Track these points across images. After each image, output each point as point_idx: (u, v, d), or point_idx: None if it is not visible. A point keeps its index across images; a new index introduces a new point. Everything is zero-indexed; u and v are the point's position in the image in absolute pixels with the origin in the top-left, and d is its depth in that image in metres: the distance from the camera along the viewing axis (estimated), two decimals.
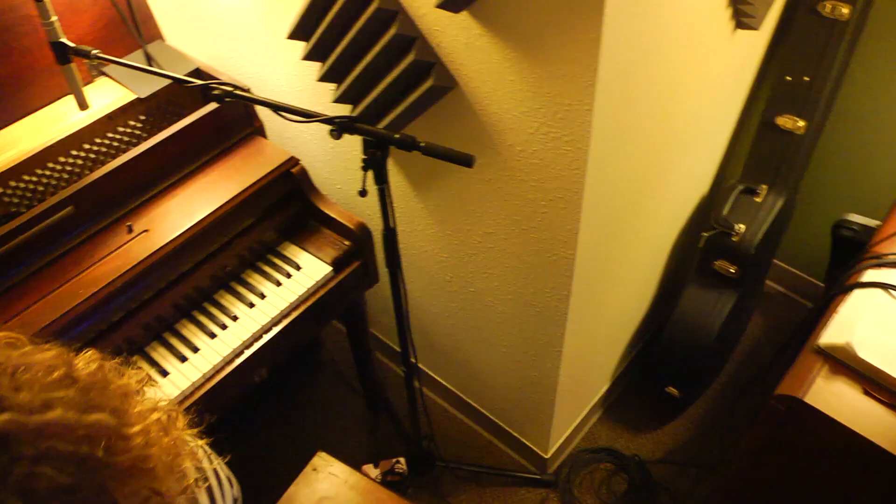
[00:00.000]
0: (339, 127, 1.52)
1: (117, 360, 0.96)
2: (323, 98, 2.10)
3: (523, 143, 1.69)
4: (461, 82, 1.71)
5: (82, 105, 1.89)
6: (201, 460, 1.14)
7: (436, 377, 2.81)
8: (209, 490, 1.15)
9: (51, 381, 0.85)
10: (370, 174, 1.60)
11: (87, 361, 0.91)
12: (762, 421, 1.79)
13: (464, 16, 1.57)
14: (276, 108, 1.58)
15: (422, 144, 1.48)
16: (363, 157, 1.53)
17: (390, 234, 1.72)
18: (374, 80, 1.84)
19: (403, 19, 1.68)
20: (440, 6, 1.54)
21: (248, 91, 1.62)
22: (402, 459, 2.66)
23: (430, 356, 2.74)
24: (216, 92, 1.60)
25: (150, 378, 1.79)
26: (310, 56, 1.97)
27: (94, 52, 1.73)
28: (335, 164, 2.33)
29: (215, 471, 1.19)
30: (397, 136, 1.49)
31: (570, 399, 2.45)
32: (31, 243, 1.79)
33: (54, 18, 1.72)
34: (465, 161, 1.46)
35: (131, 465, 0.87)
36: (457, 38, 1.63)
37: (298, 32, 1.94)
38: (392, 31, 1.69)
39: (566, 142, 1.60)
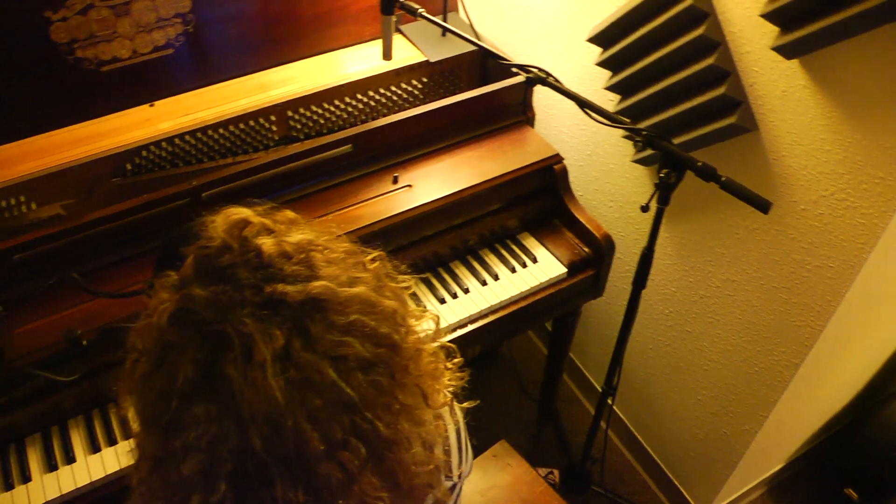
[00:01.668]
0: (646, 140, 1.52)
1: (393, 265, 1.01)
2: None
3: (810, 203, 1.65)
4: (762, 127, 1.69)
5: (387, 55, 1.99)
6: (452, 399, 1.16)
7: (598, 389, 2.78)
8: (457, 429, 1.18)
9: (352, 263, 0.92)
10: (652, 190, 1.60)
11: (372, 257, 0.98)
12: None
13: (793, 63, 1.56)
14: (584, 104, 1.61)
15: (723, 179, 1.46)
16: (659, 175, 1.53)
17: (649, 255, 1.72)
18: (668, 103, 1.84)
19: (723, 52, 1.68)
20: (776, 48, 1.53)
21: (558, 81, 1.66)
22: (555, 472, 2.66)
23: (602, 373, 2.71)
24: (530, 74, 1.65)
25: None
26: (604, 64, 2.00)
27: (420, 10, 1.81)
28: (586, 172, 2.34)
29: (465, 412, 1.21)
30: (700, 163, 1.48)
31: (746, 466, 2.37)
32: (306, 170, 1.90)
33: None
34: (763, 206, 1.44)
35: (410, 357, 0.92)
36: (775, 84, 1.61)
37: (600, 39, 1.97)
38: (708, 62, 1.69)
39: (861, 214, 1.55)
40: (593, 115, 1.60)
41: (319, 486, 0.83)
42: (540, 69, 1.67)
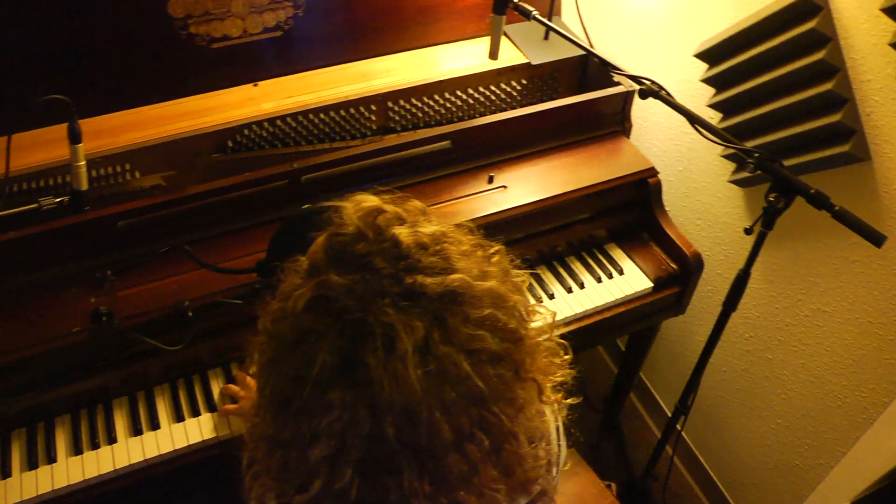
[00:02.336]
0: (758, 162, 1.50)
1: (509, 258, 1.01)
2: None
3: None
4: (875, 158, 1.65)
5: (494, 55, 1.99)
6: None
7: (664, 409, 2.76)
8: (557, 426, 1.17)
9: (481, 257, 0.93)
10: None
11: (494, 250, 0.98)
12: None
13: None
14: (695, 120, 1.59)
15: (836, 208, 1.43)
16: (768, 199, 1.50)
17: (745, 278, 1.69)
18: (775, 125, 1.81)
19: (842, 78, 1.64)
20: None
21: (669, 95, 1.64)
22: (613, 485, 2.63)
23: (669, 391, 2.69)
24: (643, 86, 1.63)
25: None
26: (710, 81, 1.97)
27: (534, 12, 1.80)
28: (675, 188, 2.31)
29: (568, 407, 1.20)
30: (813, 190, 1.45)
31: (814, 502, 2.33)
32: (404, 162, 1.91)
33: None
34: (876, 240, 1.41)
35: (530, 353, 0.92)
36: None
37: (707, 55, 1.95)
38: (826, 87, 1.66)
39: None
40: (705, 132, 1.58)
41: (444, 476, 0.83)
42: (653, 81, 1.65)
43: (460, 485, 0.85)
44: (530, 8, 1.81)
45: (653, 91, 1.63)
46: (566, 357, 1.07)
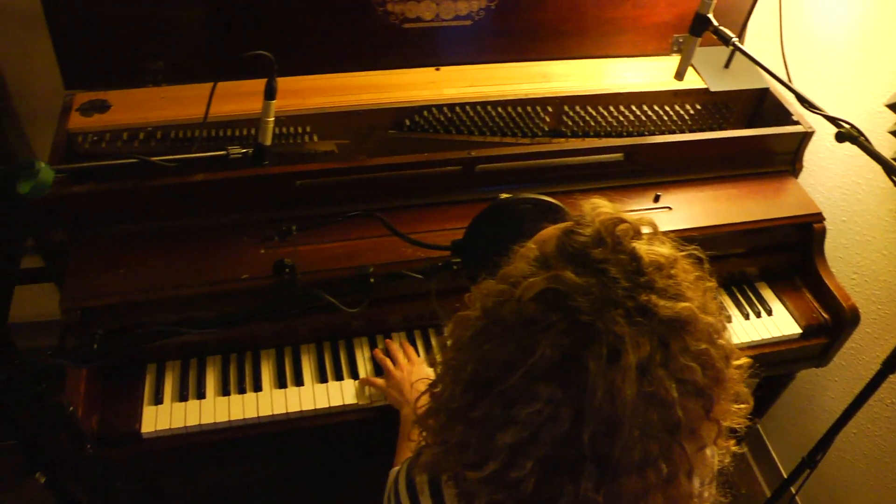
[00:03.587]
0: None
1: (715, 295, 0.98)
2: None
3: None
4: None
5: (681, 75, 1.97)
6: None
7: (776, 461, 2.70)
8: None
9: (703, 290, 0.90)
10: None
11: (710, 286, 0.94)
12: None
13: None
14: (893, 171, 1.54)
15: None
16: None
17: None
18: None
19: None
20: None
21: (868, 141, 1.59)
22: None
23: (786, 443, 2.61)
24: (842, 129, 1.59)
25: None
26: None
27: (734, 39, 1.78)
28: (834, 238, 2.23)
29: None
30: None
31: None
32: (574, 168, 1.92)
33: None
34: None
35: (723, 394, 0.89)
36: None
37: None
38: None
39: None
40: None
41: (618, 493, 0.83)
42: (852, 125, 1.61)
43: None
44: (731, 34, 1.78)
45: (851, 136, 1.58)
46: (745, 406, 1.05)
